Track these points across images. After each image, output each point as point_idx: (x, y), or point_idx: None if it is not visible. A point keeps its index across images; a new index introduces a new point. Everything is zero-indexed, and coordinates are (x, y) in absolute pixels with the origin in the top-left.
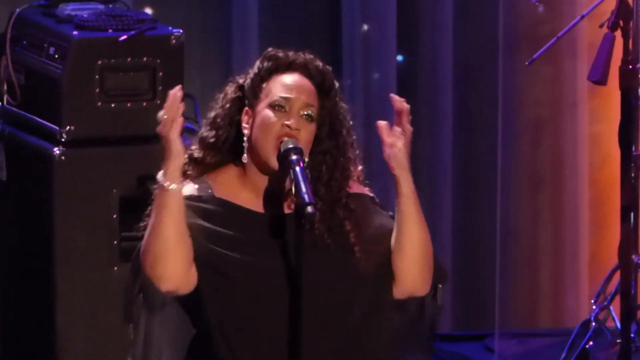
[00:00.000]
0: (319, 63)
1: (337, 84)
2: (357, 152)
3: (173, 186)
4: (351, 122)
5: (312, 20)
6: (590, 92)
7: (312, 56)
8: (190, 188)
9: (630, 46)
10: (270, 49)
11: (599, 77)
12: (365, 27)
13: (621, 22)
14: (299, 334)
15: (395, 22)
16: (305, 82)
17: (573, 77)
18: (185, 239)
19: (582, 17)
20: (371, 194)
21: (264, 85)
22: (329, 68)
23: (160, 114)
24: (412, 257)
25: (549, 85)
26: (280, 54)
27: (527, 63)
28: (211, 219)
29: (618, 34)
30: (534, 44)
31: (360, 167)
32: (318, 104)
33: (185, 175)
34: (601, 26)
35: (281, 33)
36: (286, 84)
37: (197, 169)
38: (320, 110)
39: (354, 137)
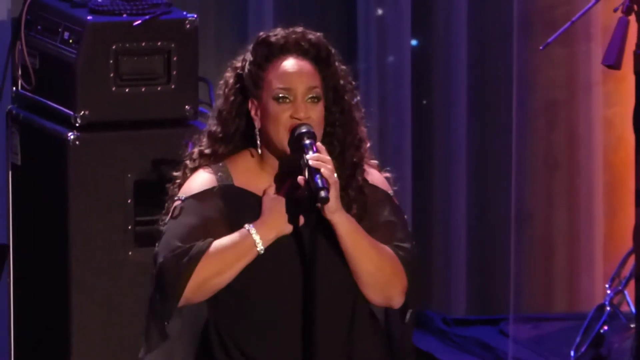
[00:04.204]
0: (311, 35)
1: (332, 49)
2: (363, 110)
3: (261, 248)
4: (353, 83)
5: (327, 4)
6: (604, 76)
7: (301, 29)
8: (208, 179)
9: None
10: (261, 34)
11: (613, 62)
12: (380, 10)
13: (635, 7)
14: (314, 314)
15: (409, 6)
16: (302, 64)
17: (587, 60)
18: None
19: (597, 1)
20: (390, 192)
21: (262, 75)
22: (320, 35)
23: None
24: (363, 282)
25: (564, 68)
26: (272, 38)
27: (541, 47)
28: (231, 211)
29: (632, 18)
30: (548, 27)
31: (365, 129)
32: (320, 78)
33: (202, 165)
34: (615, 10)
35: (296, 17)
36: (284, 72)
37: (210, 160)
38: (323, 82)
39: (358, 97)
